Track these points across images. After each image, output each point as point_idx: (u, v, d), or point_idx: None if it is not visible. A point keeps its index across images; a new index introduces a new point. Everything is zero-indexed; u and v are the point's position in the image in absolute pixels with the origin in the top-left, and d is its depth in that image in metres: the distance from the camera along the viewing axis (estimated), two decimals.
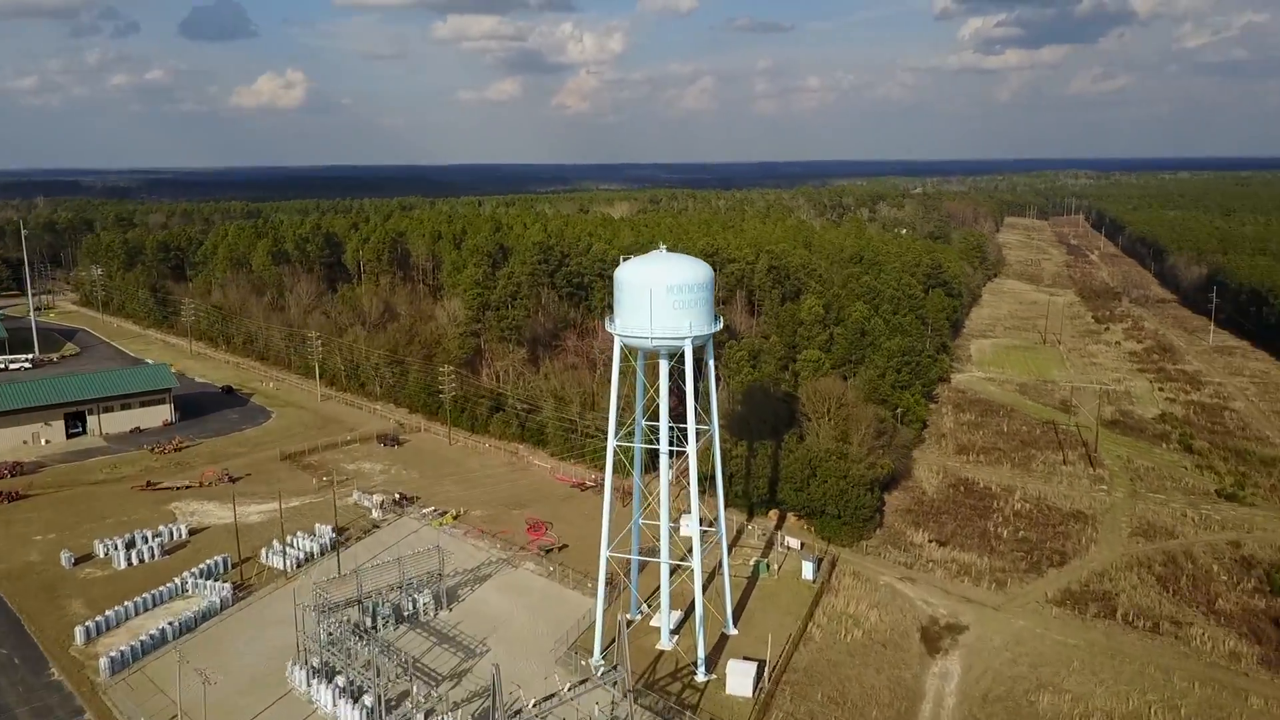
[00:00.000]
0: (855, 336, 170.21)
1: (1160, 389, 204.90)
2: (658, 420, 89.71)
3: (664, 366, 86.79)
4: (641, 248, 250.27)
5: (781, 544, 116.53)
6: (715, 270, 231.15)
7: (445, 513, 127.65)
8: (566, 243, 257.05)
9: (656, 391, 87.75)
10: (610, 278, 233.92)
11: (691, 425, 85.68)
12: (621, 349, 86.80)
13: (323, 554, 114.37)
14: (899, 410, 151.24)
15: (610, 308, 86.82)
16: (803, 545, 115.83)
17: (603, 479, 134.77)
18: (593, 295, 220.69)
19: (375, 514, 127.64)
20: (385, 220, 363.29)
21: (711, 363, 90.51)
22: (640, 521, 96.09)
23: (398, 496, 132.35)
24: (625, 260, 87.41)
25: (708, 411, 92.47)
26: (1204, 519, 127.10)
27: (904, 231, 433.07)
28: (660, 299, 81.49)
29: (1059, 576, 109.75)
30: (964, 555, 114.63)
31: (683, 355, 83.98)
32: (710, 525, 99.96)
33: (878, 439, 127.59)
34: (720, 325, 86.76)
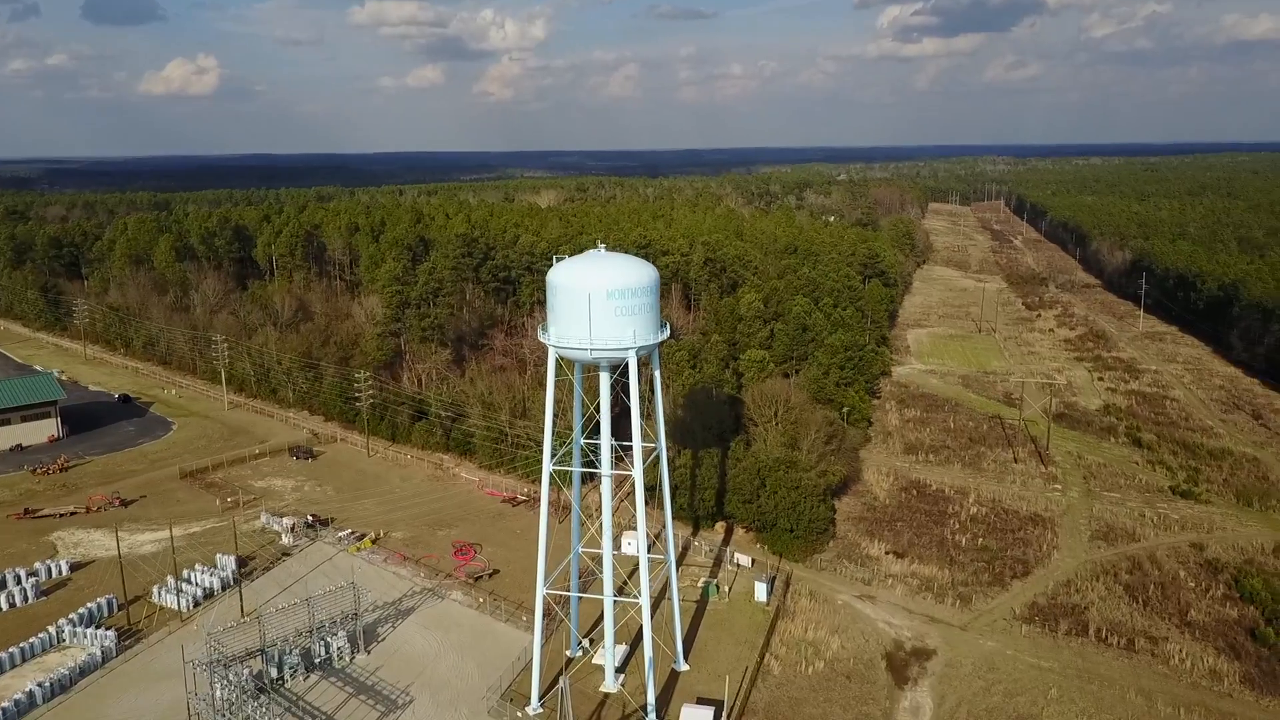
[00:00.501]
0: (796, 332, 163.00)
1: (1100, 378, 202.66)
2: (598, 438, 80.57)
3: (605, 380, 77.47)
4: (571, 239, 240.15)
5: (731, 561, 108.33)
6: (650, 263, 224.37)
7: (363, 536, 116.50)
8: (492, 234, 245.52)
9: (596, 408, 78.44)
10: (539, 271, 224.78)
11: (637, 444, 76.54)
12: (557, 360, 77.14)
13: (224, 590, 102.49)
14: (845, 410, 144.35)
15: (542, 307, 76.89)
16: (753, 562, 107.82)
17: (536, 493, 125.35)
18: (521, 290, 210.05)
19: (285, 539, 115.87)
20: (300, 212, 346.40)
21: (657, 373, 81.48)
22: (580, 550, 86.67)
23: (310, 519, 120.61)
24: (559, 260, 77.76)
25: (653, 427, 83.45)
26: (1162, 519, 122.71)
27: (831, 219, 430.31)
28: (600, 306, 72.07)
29: (1024, 589, 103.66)
30: (924, 568, 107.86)
31: (626, 367, 74.80)
32: (657, 542, 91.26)
33: (828, 443, 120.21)
34: (667, 333, 77.70)
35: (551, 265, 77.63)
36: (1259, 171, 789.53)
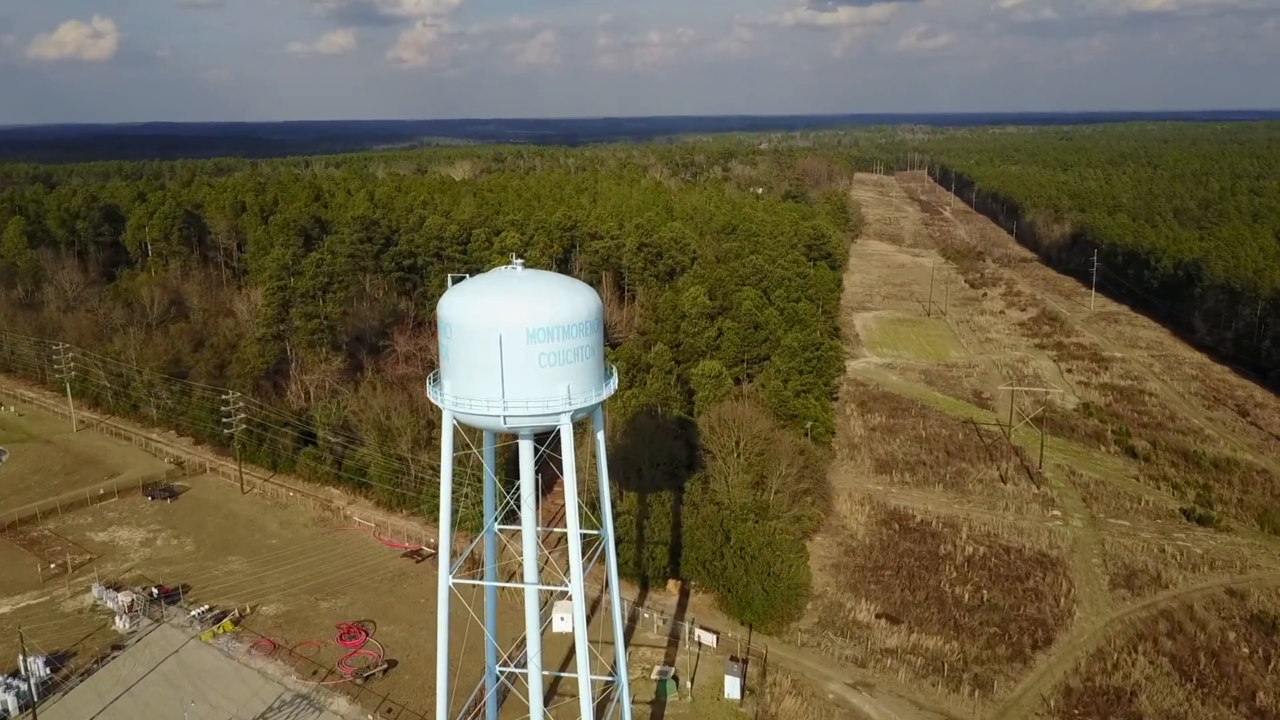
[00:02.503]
0: (748, 330, 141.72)
1: (1068, 369, 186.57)
2: (516, 523, 57.94)
3: (526, 453, 54.60)
4: (485, 220, 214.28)
5: (691, 640, 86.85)
6: (575, 248, 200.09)
7: (223, 616, 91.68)
8: (396, 214, 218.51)
9: (513, 492, 55.62)
10: (450, 258, 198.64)
11: (574, 539, 54.11)
12: (454, 425, 53.88)
13: (24, 710, 77.14)
14: (809, 424, 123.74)
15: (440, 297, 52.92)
16: (719, 638, 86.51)
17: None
18: (429, 279, 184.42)
19: (120, 622, 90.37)
20: (186, 186, 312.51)
21: (601, 437, 58.66)
22: (498, 672, 63.76)
23: (155, 592, 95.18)
24: (455, 281, 54.37)
25: (596, 507, 60.98)
26: (1185, 555, 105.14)
27: (760, 191, 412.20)
28: (518, 353, 49.16)
29: (1050, 664, 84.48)
30: (926, 638, 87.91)
31: (558, 435, 52.15)
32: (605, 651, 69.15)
33: (799, 479, 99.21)
34: (615, 384, 55.01)
35: (463, 253, 54.47)
36: (1168, 140, 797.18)
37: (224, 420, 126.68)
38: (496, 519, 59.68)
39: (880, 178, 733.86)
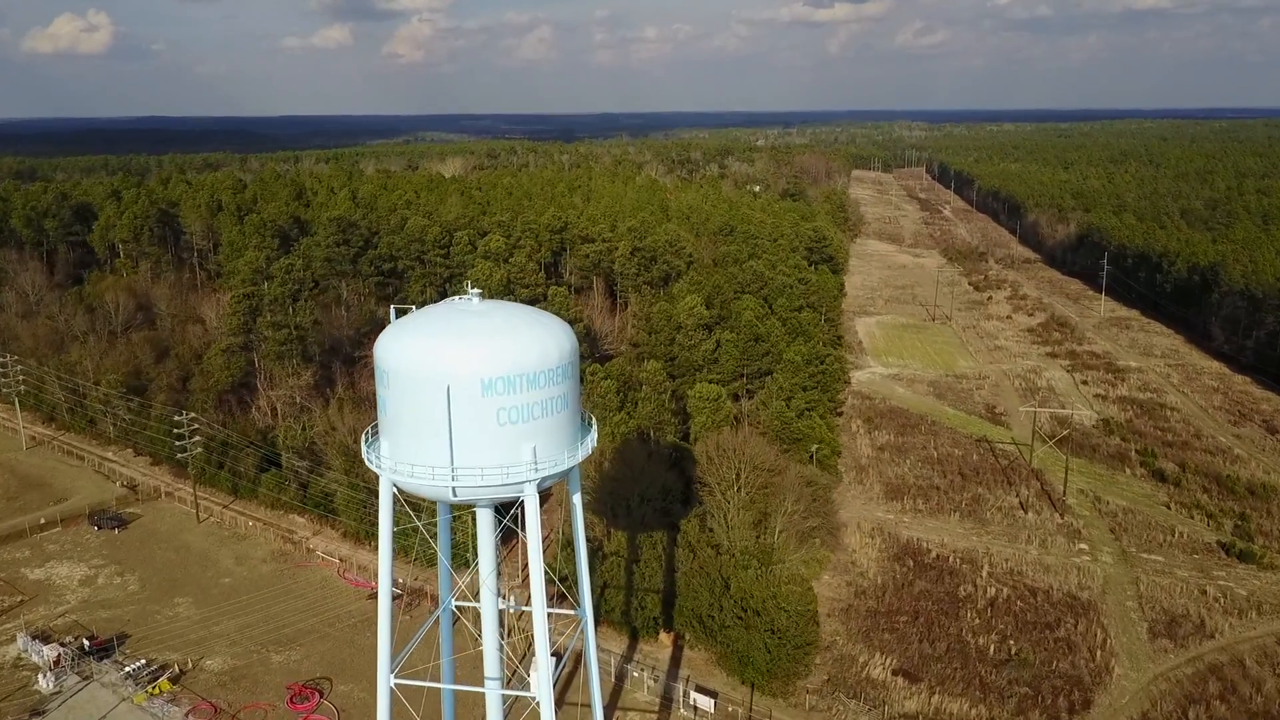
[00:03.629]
0: (748, 343, 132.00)
1: (1083, 381, 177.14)
2: (475, 600, 48.31)
3: (484, 522, 44.90)
4: (471, 221, 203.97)
5: (686, 702, 77.19)
6: (565, 251, 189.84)
7: (160, 673, 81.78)
8: (378, 214, 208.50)
9: (470, 548, 45.96)
10: (432, 263, 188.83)
11: (541, 627, 44.48)
12: (394, 494, 44.09)
13: None
14: (815, 448, 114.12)
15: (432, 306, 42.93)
16: (716, 701, 76.89)
17: (414, 584, 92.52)
18: (408, 285, 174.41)
19: (44, 682, 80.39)
20: (164, 186, 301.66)
21: (578, 502, 48.85)
22: None
23: (87, 644, 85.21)
24: (399, 314, 44.64)
25: (573, 584, 51.31)
26: (1229, 597, 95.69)
27: (758, 189, 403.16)
28: (471, 409, 39.49)
29: None
30: (949, 701, 78.34)
31: (522, 505, 42.46)
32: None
33: (805, 516, 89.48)
34: (594, 439, 45.27)
35: (445, 256, 45.86)
36: (1167, 138, 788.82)
37: (180, 439, 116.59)
38: (453, 597, 49.91)
39: (878, 175, 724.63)
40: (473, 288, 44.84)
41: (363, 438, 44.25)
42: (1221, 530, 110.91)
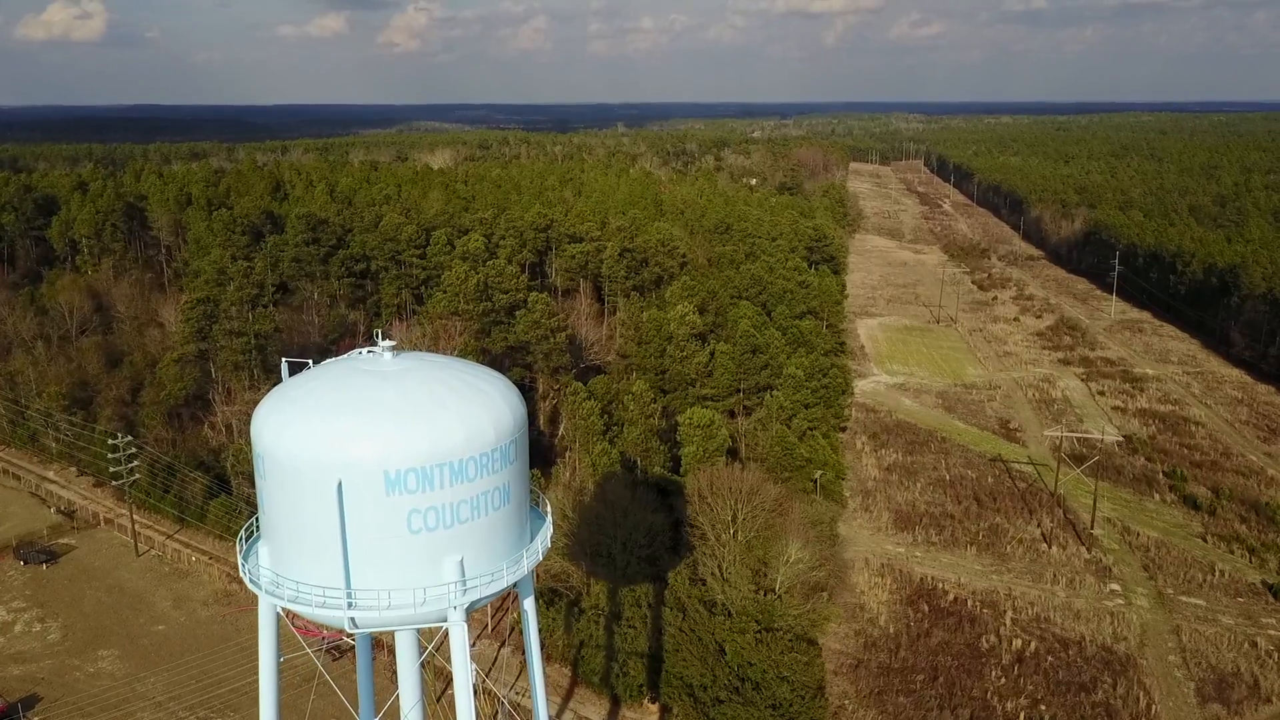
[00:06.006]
0: (745, 355, 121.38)
1: (1100, 391, 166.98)
2: None
3: (404, 646, 34.25)
4: (451, 218, 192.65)
5: None
6: (550, 251, 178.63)
7: None
8: (354, 210, 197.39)
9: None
10: (407, 262, 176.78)
11: None
12: (277, 616, 33.44)
13: None
14: (818, 475, 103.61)
15: (411, 314, 31.97)
16: None
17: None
18: (382, 287, 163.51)
19: None
20: (136, 177, 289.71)
21: (530, 607, 38.12)
22: None
23: None
24: (292, 370, 33.81)
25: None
26: None
27: (754, 182, 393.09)
28: (372, 511, 28.78)
29: None
30: None
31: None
32: None
33: (812, 566, 78.89)
34: (546, 540, 34.55)
35: (422, 257, 40.38)
36: (1166, 132, 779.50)
37: (114, 469, 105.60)
38: None
39: (876, 168, 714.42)
40: (382, 338, 33.92)
41: (238, 540, 33.71)
42: (1266, 569, 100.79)
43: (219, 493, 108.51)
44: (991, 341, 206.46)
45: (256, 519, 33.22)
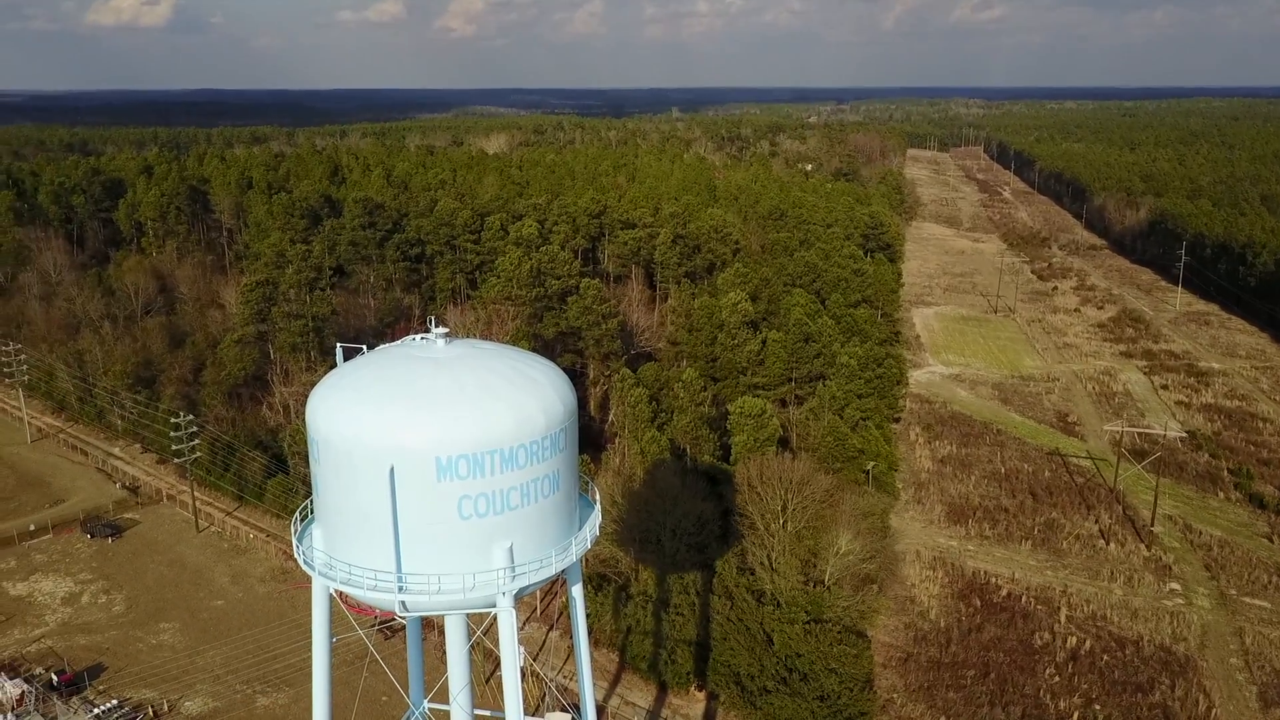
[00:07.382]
0: (797, 344, 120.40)
1: (1163, 385, 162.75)
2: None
3: (454, 630, 34.65)
4: (506, 204, 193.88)
5: None
6: (603, 237, 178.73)
7: (134, 715, 73.36)
8: (410, 195, 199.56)
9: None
10: (462, 247, 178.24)
11: None
12: (330, 598, 34.03)
13: None
14: (871, 466, 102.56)
15: (465, 299, 32.41)
16: None
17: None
18: (436, 272, 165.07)
19: None
20: (200, 161, 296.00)
21: (578, 593, 38.38)
22: None
23: (55, 679, 77.09)
24: (347, 355, 34.25)
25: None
26: None
27: (809, 168, 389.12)
28: (423, 497, 29.05)
29: None
30: None
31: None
32: None
33: (863, 558, 78.20)
34: (595, 527, 34.68)
35: (476, 242, 40.60)
36: (1239, 118, 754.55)
37: (175, 446, 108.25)
38: (426, 701, 39.93)
39: (934, 154, 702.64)
40: (436, 324, 34.24)
41: (293, 522, 34.39)
42: None
43: (276, 472, 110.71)
44: (1051, 333, 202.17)
45: (311, 501, 33.84)
